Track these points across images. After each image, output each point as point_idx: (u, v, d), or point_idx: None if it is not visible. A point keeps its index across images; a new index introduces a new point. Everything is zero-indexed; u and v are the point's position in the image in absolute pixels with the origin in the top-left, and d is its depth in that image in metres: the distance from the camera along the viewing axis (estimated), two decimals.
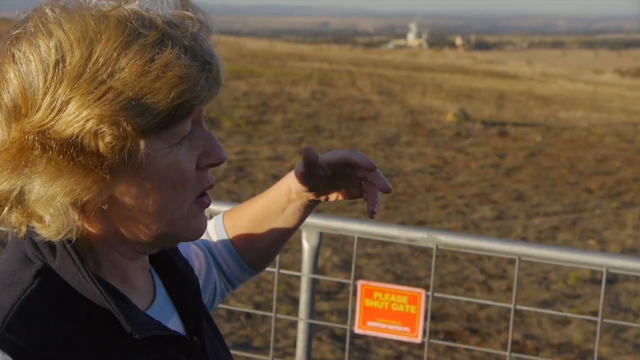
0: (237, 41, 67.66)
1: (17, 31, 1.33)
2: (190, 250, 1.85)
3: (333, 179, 1.82)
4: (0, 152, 1.30)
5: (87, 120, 1.26)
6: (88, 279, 1.34)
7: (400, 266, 9.05)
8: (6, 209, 1.36)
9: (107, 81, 1.27)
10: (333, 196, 1.86)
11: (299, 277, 7.93)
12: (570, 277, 9.01)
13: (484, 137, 18.99)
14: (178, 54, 1.31)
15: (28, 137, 1.28)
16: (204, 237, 1.92)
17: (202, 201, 1.46)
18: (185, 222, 1.43)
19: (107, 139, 1.27)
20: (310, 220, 3.00)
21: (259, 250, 1.95)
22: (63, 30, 1.29)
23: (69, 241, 1.36)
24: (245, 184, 12.69)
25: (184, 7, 1.40)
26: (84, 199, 1.31)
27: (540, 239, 10.71)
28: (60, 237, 1.33)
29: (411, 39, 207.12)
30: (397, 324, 2.94)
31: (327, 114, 21.06)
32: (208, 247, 1.95)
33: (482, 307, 7.93)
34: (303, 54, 54.87)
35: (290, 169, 10.43)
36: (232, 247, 1.94)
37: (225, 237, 1.94)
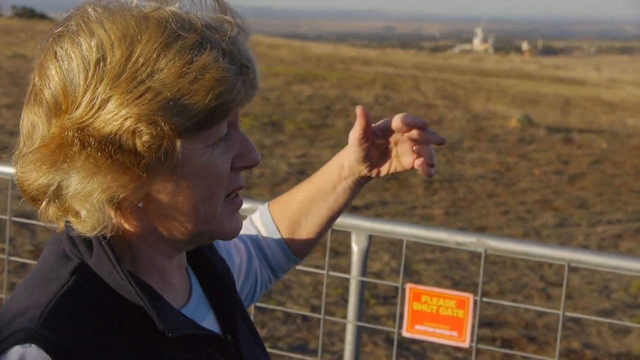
0: (302, 45, 67.86)
1: (59, 29, 1.37)
2: (230, 245, 1.88)
3: (384, 151, 1.86)
4: (40, 147, 1.35)
5: (126, 119, 1.30)
6: (123, 276, 1.38)
7: (458, 272, 9.02)
8: (44, 203, 1.40)
9: (146, 81, 1.31)
10: (385, 168, 1.88)
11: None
12: (632, 286, 8.89)
13: (548, 143, 18.79)
14: (216, 57, 1.35)
15: (68, 133, 1.32)
16: (251, 229, 1.96)
17: (234, 201, 1.50)
18: (220, 221, 1.47)
19: (145, 137, 1.31)
20: (360, 222, 3.02)
21: (307, 236, 1.98)
22: (104, 30, 1.33)
23: (106, 239, 1.39)
24: None
25: (223, 11, 1.44)
26: (120, 196, 1.35)
27: (602, 247, 10.58)
28: (95, 232, 1.37)
29: (477, 43, 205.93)
30: (445, 328, 2.95)
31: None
32: (255, 240, 1.99)
33: (540, 314, 7.86)
34: (368, 58, 54.81)
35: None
36: (279, 237, 1.98)
37: (273, 227, 1.98)
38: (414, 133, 1.80)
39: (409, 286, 2.97)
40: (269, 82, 26.98)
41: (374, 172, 1.89)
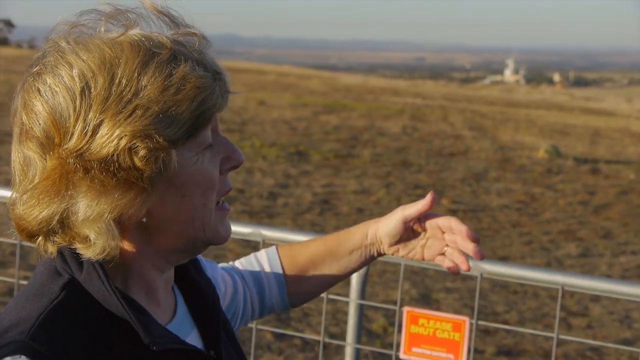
0: (332, 76, 68.14)
1: (36, 68, 1.43)
2: (217, 274, 1.94)
3: (413, 235, 1.95)
4: (41, 181, 1.40)
5: (121, 138, 1.36)
6: (111, 292, 1.43)
7: (479, 301, 8.99)
8: (40, 237, 1.46)
9: (133, 100, 1.38)
10: (406, 250, 1.98)
11: (376, 309, 7.97)
12: None
13: (575, 174, 18.73)
14: (192, 67, 1.43)
15: (69, 161, 1.38)
16: (254, 264, 2.04)
17: (223, 207, 1.57)
18: (214, 227, 1.54)
19: (142, 152, 1.38)
20: None
21: (307, 286, 2.06)
22: (82, 60, 1.39)
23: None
24: (329, 217, 12.78)
25: (177, 26, 1.51)
26: (129, 212, 1.41)
27: (625, 277, 10.51)
28: (104, 254, 1.42)
29: (508, 74, 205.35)
30: (441, 351, 2.98)
31: (417, 149, 21.06)
32: (253, 274, 2.05)
33: (559, 344, 7.83)
34: (397, 88, 54.92)
35: (375, 203, 10.46)
36: (282, 280, 2.05)
37: (279, 266, 2.05)
38: (457, 239, 1.89)
39: (406, 309, 3.02)
40: (297, 112, 27.14)
41: (392, 250, 1.97)
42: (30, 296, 1.44)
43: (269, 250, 2.09)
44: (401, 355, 3.04)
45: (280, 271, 2.05)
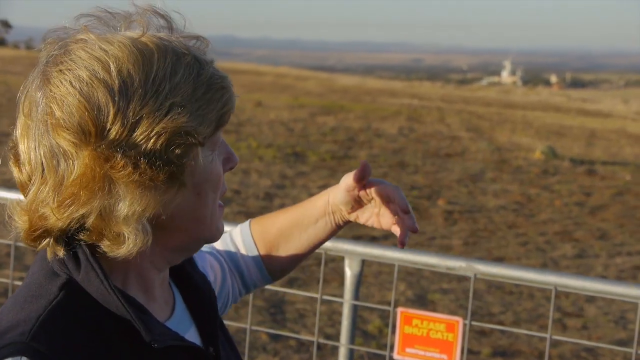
0: (330, 77, 68.14)
1: (65, 65, 1.40)
2: (205, 263, 1.95)
3: (368, 203, 1.96)
4: (78, 177, 1.37)
5: (160, 135, 1.37)
6: (110, 291, 1.43)
7: (475, 302, 9.01)
8: (48, 239, 1.44)
9: (169, 97, 1.39)
10: (364, 217, 1.98)
11: (371, 310, 7.98)
12: None
13: (571, 175, 18.75)
14: (214, 69, 1.46)
15: (111, 156, 1.36)
16: (229, 245, 2.07)
17: (220, 205, 1.59)
18: (216, 224, 1.57)
19: (180, 149, 1.39)
20: (352, 247, 3.08)
21: (282, 260, 2.07)
22: (116, 57, 1.38)
23: (93, 255, 1.44)
24: None
25: (177, 30, 1.51)
26: (169, 209, 1.43)
27: (620, 278, 10.52)
28: (137, 249, 1.41)
29: (505, 76, 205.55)
30: (435, 351, 2.99)
31: (413, 150, 21.07)
32: (232, 256, 2.07)
33: (555, 344, 7.84)
34: (394, 90, 54.94)
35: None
36: (257, 255, 2.07)
37: (253, 246, 2.07)
38: (397, 209, 1.92)
39: (400, 310, 3.02)
40: (294, 113, 27.15)
41: (353, 216, 1.99)
42: (28, 297, 1.44)
43: (242, 229, 2.10)
44: (395, 355, 3.05)
45: (255, 250, 2.06)
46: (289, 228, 2.05)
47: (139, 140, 1.36)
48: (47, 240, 1.44)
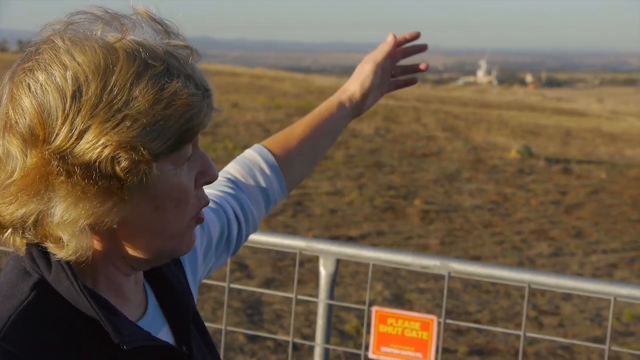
0: (306, 78, 68.04)
1: (29, 63, 1.41)
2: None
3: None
4: (22, 178, 1.38)
5: (105, 147, 1.35)
6: (80, 292, 1.43)
7: (451, 301, 9.04)
8: (8, 232, 1.45)
9: (123, 109, 1.37)
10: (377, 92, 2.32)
11: (348, 310, 7.99)
12: (624, 315, 8.91)
13: (546, 174, 18.83)
14: (184, 83, 1.42)
15: (52, 162, 1.36)
16: (258, 175, 2.14)
17: (198, 217, 1.56)
18: (182, 237, 1.54)
19: (124, 163, 1.37)
20: (327, 247, 3.08)
21: (301, 172, 2.22)
22: (77, 62, 1.38)
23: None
24: (302, 218, 12.78)
25: (169, 35, 1.50)
26: (106, 220, 1.41)
27: (596, 276, 10.59)
28: (76, 256, 1.42)
29: (481, 75, 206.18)
30: (410, 350, 3.00)
31: (389, 150, 21.10)
32: (260, 186, 2.13)
33: (531, 342, 7.88)
34: None
35: (348, 204, 10.45)
36: (280, 175, 2.15)
37: (277, 168, 2.14)
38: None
39: (375, 309, 3.03)
40: (270, 114, 27.12)
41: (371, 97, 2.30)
42: (0, 297, 1.44)
43: (261, 152, 2.16)
44: (370, 354, 3.05)
45: (279, 169, 2.14)
46: (311, 136, 2.18)
47: (82, 149, 1.36)
48: (7, 232, 1.45)
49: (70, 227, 1.40)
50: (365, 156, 19.79)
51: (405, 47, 2.29)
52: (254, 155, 2.14)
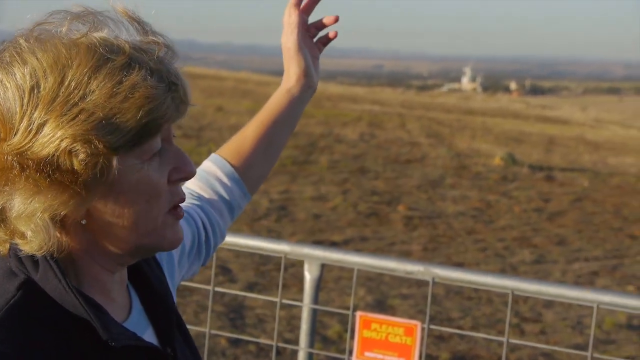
0: None
1: None
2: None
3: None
4: None
5: (62, 140, 1.37)
6: (68, 290, 1.44)
7: (433, 307, 9.06)
8: None
9: (79, 103, 1.38)
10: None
11: (331, 315, 8.00)
12: (605, 322, 8.95)
13: (529, 182, 18.91)
14: (144, 76, 1.42)
15: (7, 157, 1.38)
16: (207, 177, 2.12)
17: (175, 213, 1.56)
18: (161, 233, 1.54)
19: (81, 156, 1.38)
20: (312, 251, 3.09)
21: (260, 169, 2.17)
22: (37, 58, 1.40)
23: (51, 255, 1.45)
24: (286, 223, 12.79)
25: (146, 33, 1.52)
26: (61, 213, 1.41)
27: (578, 284, 10.63)
28: (42, 251, 1.43)
29: (465, 82, 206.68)
30: (393, 355, 3.01)
31: (374, 156, 21.14)
32: (221, 196, 2.11)
33: (513, 349, 7.91)
34: (355, 95, 55.08)
35: (332, 209, 10.45)
36: (239, 181, 2.12)
37: (234, 174, 2.11)
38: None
39: (359, 314, 3.04)
40: None
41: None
42: None
43: (213, 158, 2.14)
44: (354, 359, 3.06)
45: (236, 175, 2.11)
46: (264, 135, 2.14)
47: (40, 143, 1.37)
48: None
49: (28, 221, 1.41)
50: (349, 162, 19.82)
51: (305, 3, 2.22)
52: (210, 166, 2.13)
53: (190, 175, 1.57)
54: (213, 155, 2.14)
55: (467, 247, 12.35)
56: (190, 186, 2.12)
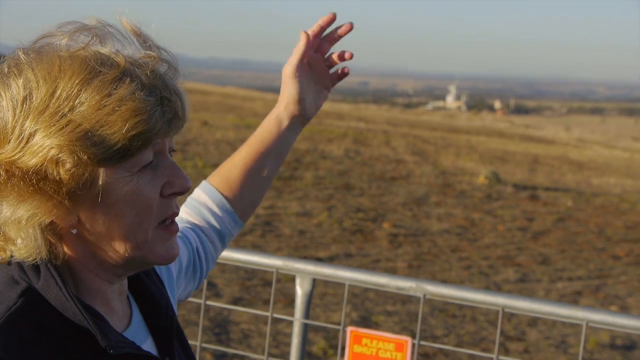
0: (277, 98, 67.95)
1: None
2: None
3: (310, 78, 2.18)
4: None
5: (49, 150, 1.39)
6: (69, 298, 1.46)
7: (417, 324, 9.06)
8: None
9: (68, 114, 1.40)
10: (316, 91, 2.21)
11: (316, 331, 7.98)
12: (589, 342, 8.98)
13: (514, 200, 18.98)
14: (134, 90, 1.43)
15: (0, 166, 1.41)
16: (197, 206, 2.12)
17: (169, 228, 1.57)
18: (152, 246, 1.54)
19: (67, 166, 1.40)
20: (304, 266, 3.10)
21: (250, 196, 2.15)
22: (32, 70, 1.43)
23: (53, 264, 1.47)
24: (271, 239, 12.79)
25: (149, 47, 1.54)
26: (47, 221, 1.43)
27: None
28: (31, 258, 1.45)
29: (450, 100, 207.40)
30: None
31: (359, 173, 21.17)
32: (211, 223, 2.12)
33: None
34: (341, 112, 55.16)
35: (317, 225, 10.45)
36: (230, 209, 2.12)
37: (219, 196, 2.11)
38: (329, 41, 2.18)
39: (350, 329, 3.05)
40: (240, 133, 27.12)
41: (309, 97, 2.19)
42: None
43: (203, 186, 2.14)
44: None
45: (222, 198, 2.11)
46: (252, 163, 2.13)
47: (29, 153, 1.40)
48: None
49: (16, 228, 1.43)
50: (334, 178, 19.84)
51: (329, 34, 2.16)
52: (200, 195, 2.14)
53: (184, 189, 1.57)
54: (204, 183, 2.15)
55: (451, 265, 12.37)
56: (181, 214, 2.13)
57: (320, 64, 2.19)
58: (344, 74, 2.21)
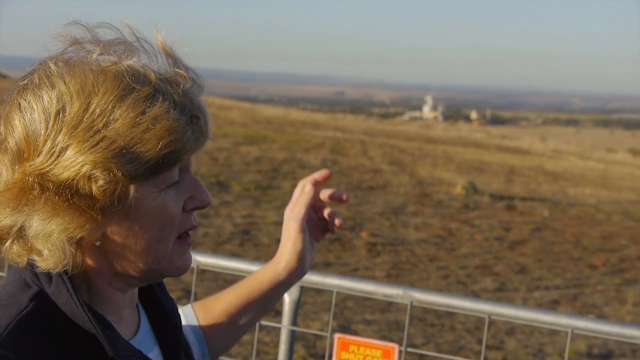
0: (253, 107, 68.11)
1: (23, 82, 1.47)
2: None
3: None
4: (4, 191, 1.44)
5: (83, 166, 1.40)
6: (79, 305, 1.47)
7: (397, 333, 9.11)
8: (8, 242, 1.49)
9: (102, 130, 1.41)
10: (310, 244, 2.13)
11: (296, 339, 8.00)
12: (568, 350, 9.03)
13: (491, 210, 19.07)
14: (167, 108, 1.45)
15: (29, 178, 1.41)
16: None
17: (185, 241, 1.59)
18: (170, 259, 1.56)
19: (100, 183, 1.41)
20: None
21: (227, 336, 2.06)
22: (64, 83, 1.43)
23: (65, 271, 1.48)
24: (249, 247, 12.79)
25: (176, 65, 1.55)
26: (77, 236, 1.44)
27: None
28: (57, 269, 1.46)
29: (426, 111, 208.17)
30: None
31: (336, 182, 21.19)
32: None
33: None
34: (318, 122, 55.22)
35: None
36: (201, 335, 2.02)
37: (196, 324, 2.03)
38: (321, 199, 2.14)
39: (337, 336, 3.07)
40: (217, 143, 27.08)
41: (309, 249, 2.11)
42: None
43: (186, 312, 2.05)
44: None
45: (198, 326, 2.03)
46: (240, 302, 2.06)
47: (61, 166, 1.40)
48: (7, 241, 1.49)
49: (45, 241, 1.44)
50: None
51: (329, 195, 2.11)
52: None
53: (205, 204, 1.59)
54: (188, 305, 2.09)
55: (429, 274, 12.42)
56: None
57: (312, 215, 2.14)
58: (336, 226, 2.15)
